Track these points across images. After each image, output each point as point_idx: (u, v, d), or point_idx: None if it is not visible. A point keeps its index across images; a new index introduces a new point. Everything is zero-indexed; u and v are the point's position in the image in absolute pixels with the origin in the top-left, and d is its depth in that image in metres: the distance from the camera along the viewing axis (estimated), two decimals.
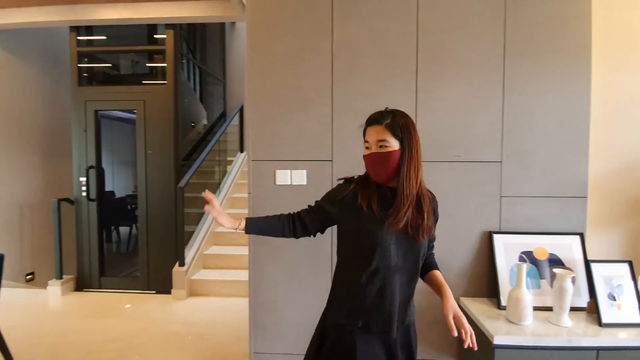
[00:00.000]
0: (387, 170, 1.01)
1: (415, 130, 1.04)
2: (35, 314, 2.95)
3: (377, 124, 1.02)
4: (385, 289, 1.04)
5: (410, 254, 1.05)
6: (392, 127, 1.01)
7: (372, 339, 1.06)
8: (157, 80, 3.46)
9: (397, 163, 1.00)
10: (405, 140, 1.00)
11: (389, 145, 1.00)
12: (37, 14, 3.19)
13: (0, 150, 3.58)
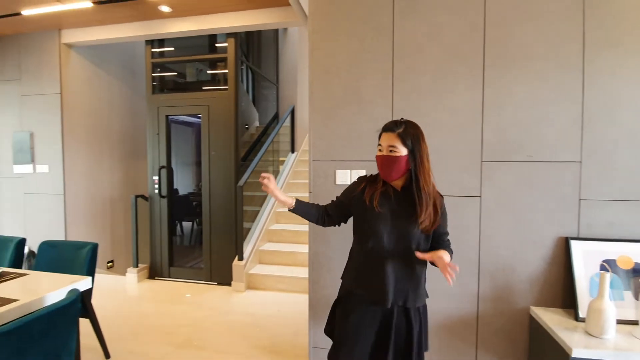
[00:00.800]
0: (393, 172, 1.20)
1: (424, 141, 1.21)
2: (117, 298, 3.33)
3: (391, 132, 1.20)
4: (378, 267, 1.24)
5: (402, 241, 1.23)
6: (403, 136, 1.18)
7: (369, 309, 1.26)
8: (219, 86, 3.71)
9: (403, 166, 1.19)
10: (414, 149, 1.18)
11: (397, 151, 1.17)
12: (118, 31, 3.60)
13: (89, 151, 4.10)
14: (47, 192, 3.88)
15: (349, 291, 1.34)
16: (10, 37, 3.92)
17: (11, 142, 3.96)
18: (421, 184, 1.19)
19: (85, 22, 3.53)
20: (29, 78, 3.88)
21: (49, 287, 1.61)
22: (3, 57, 3.95)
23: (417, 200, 1.20)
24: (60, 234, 3.85)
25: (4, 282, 1.68)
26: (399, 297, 1.24)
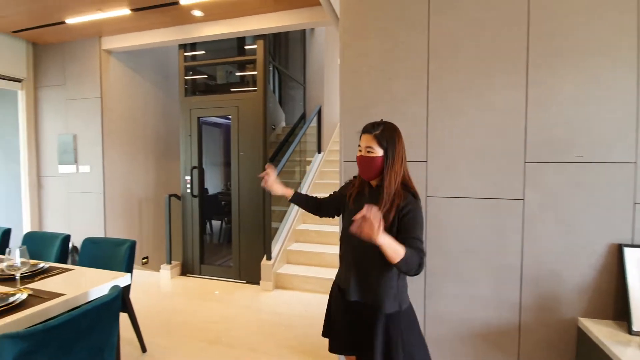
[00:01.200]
0: (370, 171, 1.26)
1: (401, 143, 1.26)
2: (152, 293, 3.47)
3: (368, 133, 1.25)
4: (349, 260, 1.34)
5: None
6: (379, 137, 1.23)
7: (346, 303, 1.34)
8: (248, 88, 3.77)
9: (379, 167, 1.24)
10: (388, 150, 1.23)
11: (374, 151, 1.23)
12: (153, 36, 3.74)
13: (125, 152, 4.30)
14: (88, 190, 4.10)
15: (334, 284, 1.48)
16: (56, 45, 4.18)
17: (57, 144, 4.23)
18: (385, 182, 1.23)
19: (123, 29, 3.71)
20: (73, 83, 4.12)
21: (92, 283, 1.69)
22: (50, 63, 4.23)
23: (379, 196, 1.24)
24: (100, 230, 4.06)
25: (51, 276, 1.78)
26: (363, 293, 1.30)
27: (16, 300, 1.41)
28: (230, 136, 3.72)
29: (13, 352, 1.00)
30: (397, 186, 1.24)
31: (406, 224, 1.21)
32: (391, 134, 1.25)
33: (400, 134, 1.27)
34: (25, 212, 4.29)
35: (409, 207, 1.21)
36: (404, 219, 1.21)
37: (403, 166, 1.26)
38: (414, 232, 1.20)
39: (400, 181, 1.25)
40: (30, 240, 2.55)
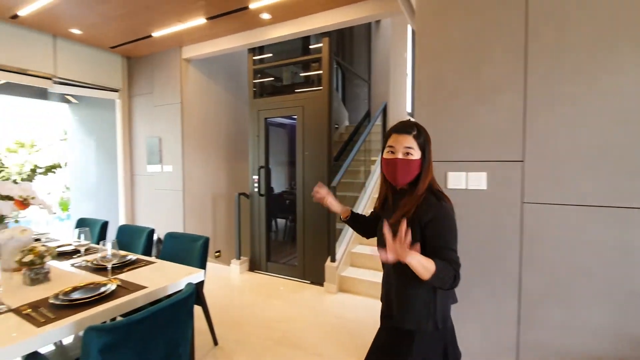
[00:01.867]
0: (409, 175, 1.14)
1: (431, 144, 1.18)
2: (223, 286, 3.65)
3: (406, 134, 1.14)
4: (386, 279, 1.27)
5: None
6: (418, 138, 1.14)
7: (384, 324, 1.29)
8: (313, 87, 3.74)
9: (417, 171, 1.14)
10: (426, 152, 1.15)
11: (413, 153, 1.13)
12: (226, 43, 3.93)
13: (200, 153, 4.62)
14: (170, 188, 4.51)
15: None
16: (145, 58, 4.67)
17: (145, 146, 4.72)
18: (419, 187, 1.14)
19: (199, 37, 3.96)
20: (159, 91, 4.56)
21: (171, 277, 1.78)
22: (140, 74, 4.74)
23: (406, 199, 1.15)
24: (180, 223, 4.43)
25: (136, 268, 1.93)
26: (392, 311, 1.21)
27: (107, 290, 1.53)
28: (295, 136, 3.73)
29: (98, 344, 1.06)
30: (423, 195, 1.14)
31: (434, 232, 1.09)
32: (427, 135, 1.18)
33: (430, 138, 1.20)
34: (121, 206, 4.89)
35: (432, 214, 1.10)
36: (429, 227, 1.09)
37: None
38: (445, 241, 1.08)
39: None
40: (122, 233, 2.85)
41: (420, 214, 1.09)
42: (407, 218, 1.07)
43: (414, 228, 1.06)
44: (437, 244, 1.07)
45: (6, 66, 3.64)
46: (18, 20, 3.50)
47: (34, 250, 1.65)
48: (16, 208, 2.09)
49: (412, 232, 1.03)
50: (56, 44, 4.02)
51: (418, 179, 1.15)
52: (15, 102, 9.41)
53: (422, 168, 1.15)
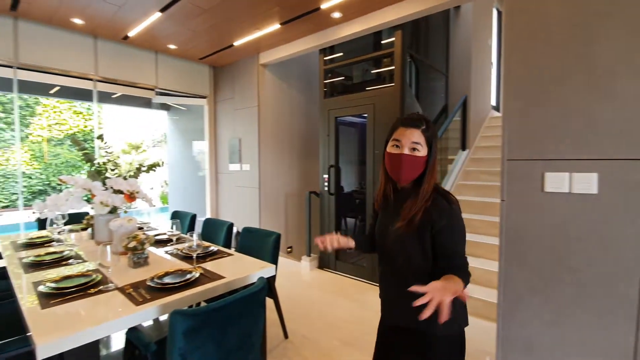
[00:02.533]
0: (414, 172, 1.09)
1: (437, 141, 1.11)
2: (293, 281, 3.78)
3: (415, 127, 1.07)
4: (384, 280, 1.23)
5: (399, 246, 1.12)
6: (427, 133, 1.08)
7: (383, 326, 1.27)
8: (385, 84, 3.61)
9: (422, 167, 1.09)
10: (432, 149, 1.08)
11: (420, 149, 1.07)
12: (298, 45, 4.05)
13: (275, 153, 4.85)
14: (248, 185, 4.84)
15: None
16: (228, 66, 5.09)
17: (227, 146, 5.16)
18: (424, 187, 1.08)
19: (274, 43, 4.16)
20: (239, 96, 4.92)
21: (246, 270, 1.89)
22: (224, 81, 5.18)
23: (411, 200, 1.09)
24: (256, 218, 4.72)
25: (217, 259, 2.09)
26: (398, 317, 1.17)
27: (192, 277, 1.69)
28: (366, 134, 3.66)
29: (182, 326, 1.16)
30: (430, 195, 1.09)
31: (447, 238, 1.06)
32: (434, 131, 1.11)
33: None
34: (207, 201, 5.43)
35: (445, 221, 1.05)
36: (443, 233, 1.05)
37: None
38: (458, 247, 1.07)
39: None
40: (207, 225, 3.14)
41: (433, 219, 1.05)
42: (415, 222, 1.06)
43: (424, 232, 1.06)
44: (450, 250, 1.06)
45: (120, 80, 4.32)
46: (128, 40, 4.12)
47: (136, 238, 1.91)
48: (125, 201, 2.46)
49: (422, 236, 1.06)
50: (157, 59, 4.63)
51: (422, 177, 1.10)
52: (127, 111, 11.22)
53: (427, 165, 1.09)
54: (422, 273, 1.09)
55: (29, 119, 9.88)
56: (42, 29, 3.64)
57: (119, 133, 10.77)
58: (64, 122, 10.27)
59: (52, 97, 9.00)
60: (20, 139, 9.26)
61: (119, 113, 11.02)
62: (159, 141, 10.17)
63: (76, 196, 2.27)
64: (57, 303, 1.43)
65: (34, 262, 1.98)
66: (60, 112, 10.15)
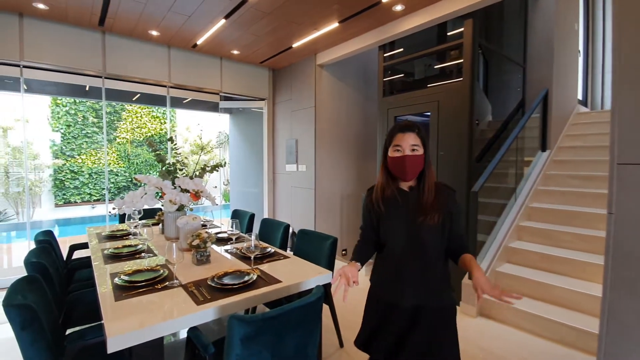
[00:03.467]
0: (416, 170, 1.29)
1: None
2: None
3: (411, 132, 1.27)
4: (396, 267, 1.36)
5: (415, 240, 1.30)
6: (421, 135, 1.29)
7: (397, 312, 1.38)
8: (451, 79, 3.33)
9: (422, 165, 1.29)
10: (427, 148, 1.30)
11: (418, 149, 1.27)
12: (357, 43, 3.93)
13: (331, 154, 4.80)
14: (304, 186, 4.86)
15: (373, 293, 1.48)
16: (286, 68, 5.17)
17: (285, 147, 5.24)
18: (427, 182, 1.28)
19: (332, 42, 4.10)
20: (296, 97, 4.97)
21: (302, 275, 1.84)
22: (282, 84, 5.28)
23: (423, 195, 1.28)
24: (311, 219, 4.72)
25: (274, 261, 2.08)
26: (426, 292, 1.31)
27: (249, 279, 1.68)
28: (429, 134, 3.41)
29: (240, 333, 1.13)
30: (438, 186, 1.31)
31: (457, 221, 1.31)
32: (425, 133, 1.29)
33: None
34: (265, 201, 5.59)
35: (457, 206, 1.32)
36: (454, 216, 1.30)
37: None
38: (462, 227, 1.37)
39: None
40: (264, 225, 3.19)
41: (450, 207, 1.29)
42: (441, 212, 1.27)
43: (445, 219, 1.28)
44: (459, 230, 1.33)
45: (189, 86, 4.64)
46: (196, 48, 4.39)
47: (200, 236, 1.97)
48: (191, 199, 2.59)
49: (444, 224, 1.28)
50: (222, 64, 4.88)
51: (422, 173, 1.30)
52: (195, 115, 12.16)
53: (425, 162, 1.29)
54: (442, 254, 1.33)
55: (116, 123, 11.22)
56: (125, 42, 4.05)
57: (188, 135, 11.72)
58: (144, 126, 11.48)
59: (134, 103, 10.11)
60: (109, 141, 10.54)
61: (189, 117, 12.01)
62: (222, 142, 10.84)
63: (150, 194, 2.45)
64: (129, 296, 1.52)
65: (113, 254, 2.17)
66: (140, 117, 11.37)
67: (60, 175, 9.90)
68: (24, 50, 3.49)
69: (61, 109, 10.34)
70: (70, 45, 3.73)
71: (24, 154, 6.25)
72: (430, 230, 1.27)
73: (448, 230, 1.29)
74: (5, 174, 9.08)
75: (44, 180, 9.50)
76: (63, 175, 9.88)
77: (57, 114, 9.98)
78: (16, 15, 3.42)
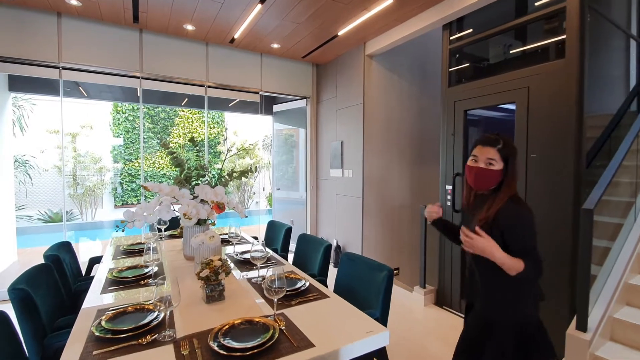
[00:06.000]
0: (486, 184, 1.30)
1: (516, 159, 1.30)
2: (403, 318, 3.01)
3: (490, 146, 1.28)
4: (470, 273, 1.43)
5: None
6: (503, 151, 1.28)
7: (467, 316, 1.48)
8: (545, 60, 2.51)
9: (497, 180, 1.28)
10: (509, 165, 1.28)
11: (494, 164, 1.27)
12: (414, 24, 3.27)
13: (381, 157, 4.15)
14: (350, 194, 4.27)
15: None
16: (331, 63, 4.64)
17: (329, 150, 4.71)
18: (499, 196, 1.27)
19: (384, 26, 3.48)
20: (342, 94, 4.42)
21: (346, 331, 1.27)
22: (326, 80, 4.77)
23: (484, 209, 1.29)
24: (358, 233, 4.12)
25: (307, 302, 1.53)
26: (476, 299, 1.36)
27: (267, 339, 1.15)
28: (514, 132, 2.62)
29: None
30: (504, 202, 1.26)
31: (514, 236, 1.23)
32: (512, 150, 1.29)
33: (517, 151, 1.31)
34: (307, 208, 5.10)
35: (510, 220, 1.24)
36: (509, 232, 1.23)
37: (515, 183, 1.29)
38: (525, 242, 1.23)
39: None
40: (301, 242, 2.67)
41: (500, 220, 1.24)
42: (488, 221, 1.25)
43: (494, 232, 1.23)
44: (519, 246, 1.21)
45: (227, 85, 4.30)
46: (234, 43, 4.05)
47: (210, 265, 1.50)
48: (214, 212, 2.15)
49: (493, 236, 1.22)
50: (262, 61, 4.50)
51: (500, 186, 1.29)
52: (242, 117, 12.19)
53: (503, 177, 1.28)
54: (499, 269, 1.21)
55: (170, 128, 11.63)
56: (161, 40, 3.83)
57: (236, 139, 11.78)
58: (195, 131, 11.77)
59: (184, 107, 10.30)
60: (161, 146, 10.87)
61: (236, 119, 12.09)
62: (268, 145, 10.65)
63: (165, 204, 2.05)
64: (101, 356, 1.07)
65: (115, 278, 1.79)
66: (192, 122, 11.68)
67: (120, 177, 10.44)
68: (62, 52, 3.40)
69: (121, 116, 10.93)
70: (108, 45, 3.59)
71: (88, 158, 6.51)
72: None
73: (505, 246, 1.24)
74: (73, 176, 9.78)
75: (105, 182, 10.07)
76: (122, 177, 10.41)
77: (117, 121, 10.59)
78: (54, 15, 3.34)
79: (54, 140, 9.30)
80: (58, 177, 9.39)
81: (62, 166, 4.71)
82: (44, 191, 9.57)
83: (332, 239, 4.64)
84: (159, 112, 11.44)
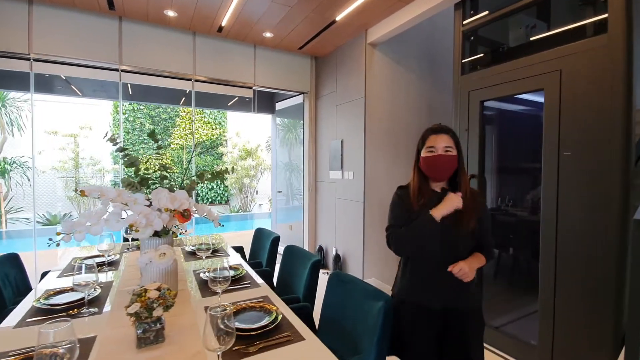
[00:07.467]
0: (449, 171, 1.34)
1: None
2: None
3: (444, 133, 1.34)
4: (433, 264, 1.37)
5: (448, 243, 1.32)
6: (454, 137, 1.35)
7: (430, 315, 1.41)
8: (580, 38, 2.08)
9: (455, 167, 1.33)
10: (460, 150, 1.35)
11: (452, 151, 1.32)
12: (423, 4, 2.87)
13: (385, 156, 3.74)
14: (350, 198, 3.87)
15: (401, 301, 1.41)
16: (330, 55, 4.26)
17: (328, 150, 4.32)
18: (462, 184, 1.32)
19: (388, 8, 3.08)
20: (341, 88, 4.03)
21: None
22: (325, 73, 4.38)
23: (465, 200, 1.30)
24: (359, 241, 3.72)
25: (278, 346, 1.13)
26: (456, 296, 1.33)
27: None
28: (543, 125, 2.18)
29: None
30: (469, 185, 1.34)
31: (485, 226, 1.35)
32: (457, 137, 1.36)
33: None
34: (305, 213, 4.71)
35: (485, 212, 1.37)
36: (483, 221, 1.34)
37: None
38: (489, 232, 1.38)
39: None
40: (287, 256, 2.28)
41: (480, 214, 1.33)
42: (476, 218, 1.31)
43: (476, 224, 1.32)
44: (486, 234, 1.36)
45: (217, 79, 3.92)
46: (223, 32, 3.69)
47: (141, 297, 1.11)
48: (176, 220, 1.78)
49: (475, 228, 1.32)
50: (255, 53, 4.14)
51: (454, 176, 1.35)
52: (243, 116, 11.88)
53: (459, 163, 1.33)
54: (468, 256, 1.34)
55: (171, 129, 11.39)
56: (143, 29, 3.50)
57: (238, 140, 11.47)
58: (196, 132, 11.50)
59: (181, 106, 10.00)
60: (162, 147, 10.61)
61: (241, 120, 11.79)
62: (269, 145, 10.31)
63: (114, 212, 1.68)
64: None
65: (43, 306, 1.43)
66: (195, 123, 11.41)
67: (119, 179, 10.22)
68: (32, 42, 3.09)
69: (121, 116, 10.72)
70: (84, 34, 3.27)
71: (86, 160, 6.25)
72: (466, 235, 1.31)
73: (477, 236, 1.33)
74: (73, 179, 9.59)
75: (105, 184, 9.84)
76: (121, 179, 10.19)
77: (117, 121, 10.37)
78: (25, 3, 3.03)
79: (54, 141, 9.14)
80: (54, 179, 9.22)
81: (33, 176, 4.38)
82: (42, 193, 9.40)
83: (331, 248, 4.24)
84: (159, 113, 11.22)
